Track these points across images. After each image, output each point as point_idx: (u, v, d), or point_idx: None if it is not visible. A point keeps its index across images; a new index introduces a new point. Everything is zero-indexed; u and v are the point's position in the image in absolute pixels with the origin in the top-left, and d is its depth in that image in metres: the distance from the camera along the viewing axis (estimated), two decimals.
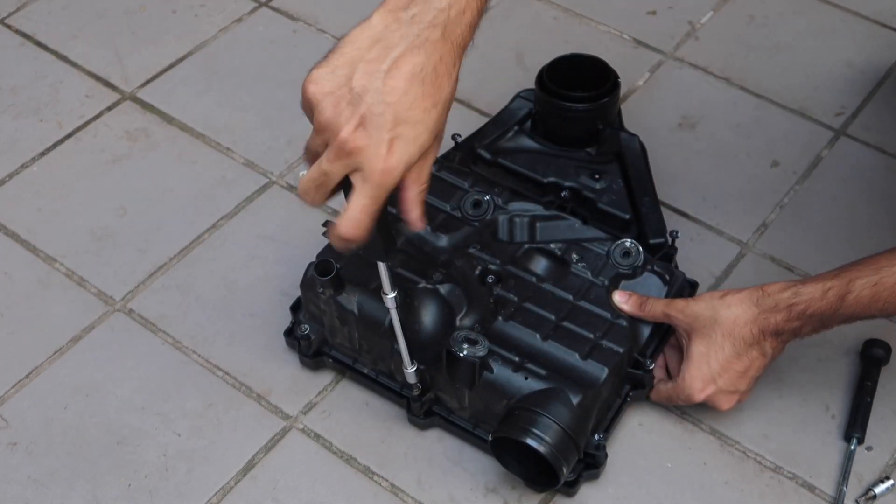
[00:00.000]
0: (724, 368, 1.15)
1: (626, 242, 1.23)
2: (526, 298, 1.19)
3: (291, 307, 1.27)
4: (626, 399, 1.21)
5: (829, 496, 1.18)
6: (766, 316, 1.12)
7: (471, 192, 1.28)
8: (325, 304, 1.19)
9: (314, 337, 1.24)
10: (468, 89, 1.59)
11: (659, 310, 1.18)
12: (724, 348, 1.14)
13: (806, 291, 1.11)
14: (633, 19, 1.68)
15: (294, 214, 1.42)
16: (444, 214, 1.27)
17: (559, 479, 1.11)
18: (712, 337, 1.14)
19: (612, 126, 1.35)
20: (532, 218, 1.26)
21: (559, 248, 1.24)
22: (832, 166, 1.49)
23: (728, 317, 1.14)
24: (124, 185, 1.47)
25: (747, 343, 1.14)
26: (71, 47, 1.65)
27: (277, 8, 1.71)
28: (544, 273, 1.23)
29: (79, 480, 1.19)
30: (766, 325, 1.13)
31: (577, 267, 1.23)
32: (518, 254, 1.24)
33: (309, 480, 1.19)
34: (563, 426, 1.09)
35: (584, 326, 1.17)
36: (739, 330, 1.13)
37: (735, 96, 1.58)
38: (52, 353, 1.29)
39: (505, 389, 1.13)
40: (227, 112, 1.56)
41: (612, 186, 1.30)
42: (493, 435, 1.12)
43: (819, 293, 1.10)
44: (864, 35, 1.67)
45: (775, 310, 1.12)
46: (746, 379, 1.16)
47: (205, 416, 1.24)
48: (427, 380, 1.17)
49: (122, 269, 1.37)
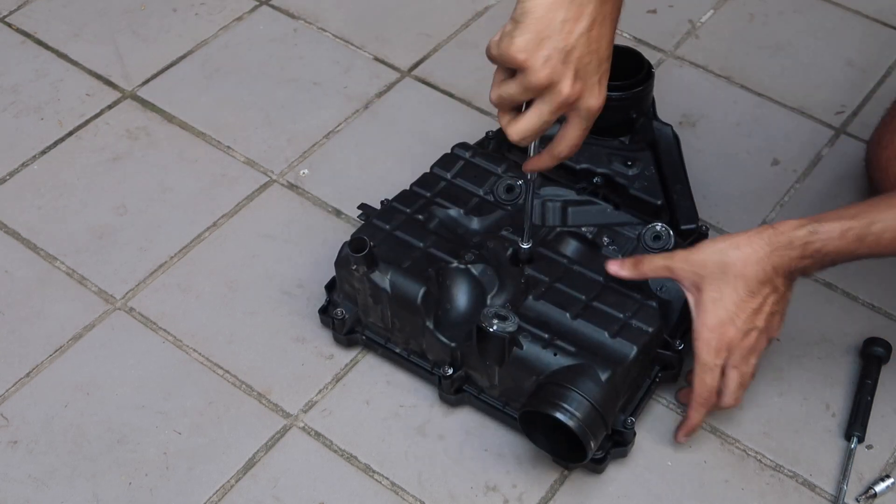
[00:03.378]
0: (741, 308, 1.12)
1: (657, 226, 1.24)
2: (556, 279, 1.21)
3: (326, 286, 1.29)
4: (656, 380, 1.21)
5: (830, 495, 1.18)
6: (780, 253, 1.11)
7: (504, 177, 1.31)
8: (358, 282, 1.21)
9: (348, 315, 1.26)
10: (468, 89, 1.59)
11: (659, 264, 1.17)
12: (738, 289, 1.12)
13: (823, 230, 1.10)
14: (633, 18, 1.67)
15: (294, 213, 1.43)
16: (477, 198, 1.29)
17: (587, 454, 1.11)
18: (724, 280, 1.12)
19: (646, 116, 1.36)
20: (564, 203, 1.28)
21: (590, 232, 1.26)
22: (832, 165, 1.49)
23: (739, 257, 1.12)
24: (125, 183, 1.47)
25: (760, 281, 1.11)
26: (71, 46, 1.65)
27: (278, 6, 1.71)
28: (575, 255, 1.24)
29: (79, 479, 1.19)
30: (779, 262, 1.11)
31: (607, 250, 1.24)
32: (549, 237, 1.25)
33: (309, 479, 1.19)
34: (592, 401, 1.10)
35: (614, 306, 1.18)
36: (751, 269, 1.11)
37: (735, 95, 1.58)
38: (52, 351, 1.29)
39: (534, 365, 1.14)
40: (228, 110, 1.56)
41: (645, 173, 1.31)
42: (522, 409, 1.13)
43: (837, 232, 1.09)
44: (865, 34, 1.67)
45: (789, 247, 1.11)
46: (762, 315, 1.13)
47: (205, 415, 1.24)
48: (458, 358, 1.19)
49: (122, 268, 1.37)
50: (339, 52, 1.63)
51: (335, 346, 1.29)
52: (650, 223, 1.25)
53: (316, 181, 1.47)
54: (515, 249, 1.22)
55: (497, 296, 1.20)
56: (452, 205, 1.29)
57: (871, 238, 1.08)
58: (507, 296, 1.20)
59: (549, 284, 1.20)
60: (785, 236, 1.11)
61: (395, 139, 1.51)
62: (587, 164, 1.33)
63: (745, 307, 1.13)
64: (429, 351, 1.23)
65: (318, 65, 1.61)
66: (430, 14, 1.70)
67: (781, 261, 1.11)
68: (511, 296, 1.20)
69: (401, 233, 1.25)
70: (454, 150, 1.35)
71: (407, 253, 1.22)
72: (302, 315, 1.32)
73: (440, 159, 1.34)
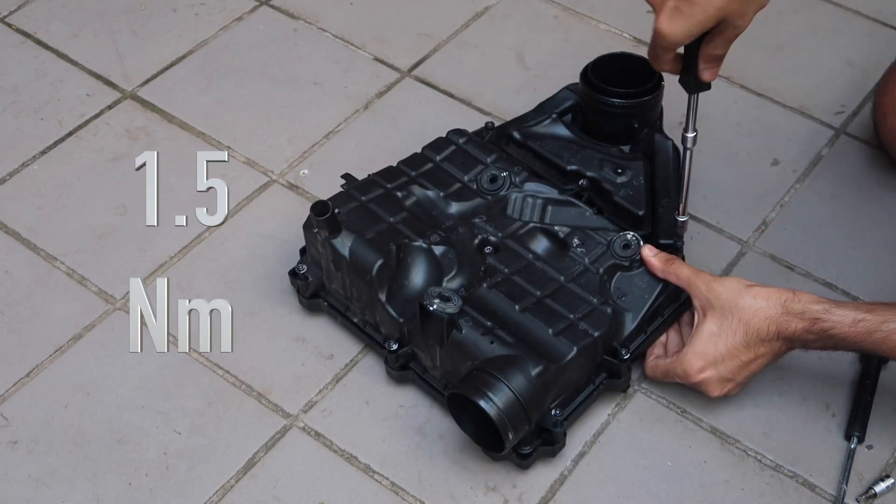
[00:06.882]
0: (731, 355, 1.15)
1: (627, 235, 1.25)
2: (516, 271, 1.22)
3: (301, 250, 1.32)
4: (600, 387, 1.22)
5: (830, 495, 1.18)
6: (789, 319, 1.13)
7: (490, 167, 1.32)
8: (321, 247, 1.24)
9: (312, 279, 1.28)
10: (468, 88, 1.59)
11: (684, 274, 1.20)
12: (737, 334, 1.14)
13: (837, 313, 1.12)
14: (633, 18, 1.68)
15: (294, 213, 1.42)
16: (459, 184, 1.31)
17: (504, 444, 1.12)
18: (728, 320, 1.15)
19: (650, 126, 1.35)
20: (545, 200, 1.28)
21: (563, 232, 1.26)
22: (832, 165, 1.49)
23: (750, 305, 1.14)
24: (125, 183, 1.47)
25: (760, 338, 1.14)
26: (71, 46, 1.65)
27: (278, 6, 1.71)
28: (542, 252, 1.25)
29: (79, 479, 1.19)
30: (785, 327, 1.13)
31: (575, 252, 1.25)
32: (521, 231, 1.26)
33: (309, 479, 1.19)
34: (517, 393, 1.10)
35: (565, 306, 1.19)
36: (758, 322, 1.14)
37: (735, 95, 1.58)
38: (52, 351, 1.29)
39: (470, 351, 1.15)
40: (228, 111, 1.56)
41: (633, 182, 1.31)
42: (449, 391, 1.15)
43: (850, 320, 1.11)
44: (865, 34, 1.67)
45: (801, 317, 1.13)
46: (747, 371, 1.17)
47: (205, 415, 1.24)
48: (405, 335, 1.21)
49: (122, 268, 1.37)
50: (339, 52, 1.63)
51: (335, 345, 1.29)
52: (624, 231, 1.25)
53: (316, 181, 1.47)
54: (484, 238, 1.24)
55: (453, 279, 1.22)
56: (434, 187, 1.30)
57: (880, 335, 1.10)
58: (464, 280, 1.22)
59: (506, 276, 1.22)
60: (800, 305, 1.13)
61: (395, 139, 1.51)
62: (578, 166, 1.33)
63: (736, 357, 1.15)
64: (381, 324, 1.25)
65: (318, 65, 1.61)
66: (430, 14, 1.70)
67: (787, 326, 1.13)
68: (467, 281, 1.22)
69: (373, 205, 1.27)
70: (449, 134, 1.36)
71: (373, 225, 1.24)
72: (302, 315, 1.32)
73: (432, 142, 1.36)
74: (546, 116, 1.38)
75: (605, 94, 1.33)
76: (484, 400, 1.10)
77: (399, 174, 1.32)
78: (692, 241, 1.38)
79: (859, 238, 1.40)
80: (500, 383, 1.10)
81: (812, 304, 1.13)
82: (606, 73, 1.35)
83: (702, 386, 1.18)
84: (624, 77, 1.34)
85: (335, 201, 1.26)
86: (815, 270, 1.37)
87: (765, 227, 1.41)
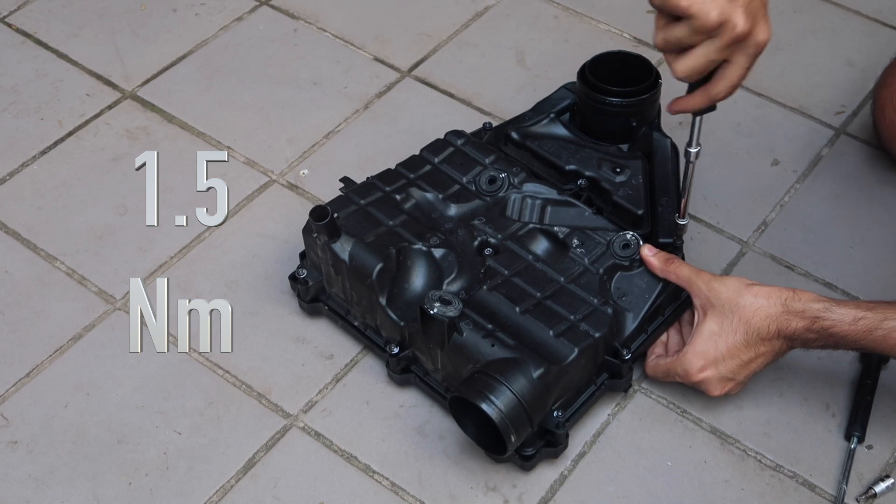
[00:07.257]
0: (731, 354, 1.15)
1: (627, 235, 1.25)
2: (516, 273, 1.22)
3: (300, 254, 1.31)
4: (601, 387, 1.22)
5: (830, 495, 1.18)
6: (789, 318, 1.13)
7: (489, 168, 1.31)
8: (321, 251, 1.24)
9: (312, 283, 1.28)
10: (468, 88, 1.59)
11: (684, 273, 1.20)
12: (737, 333, 1.14)
13: (838, 311, 1.12)
14: (633, 18, 1.68)
15: (294, 213, 1.42)
16: (458, 186, 1.31)
17: (507, 447, 1.12)
18: (728, 319, 1.15)
19: (648, 125, 1.35)
20: (544, 201, 1.28)
21: (562, 232, 1.26)
22: (832, 165, 1.49)
23: (751, 304, 1.14)
24: (125, 183, 1.47)
25: (760, 336, 1.14)
26: (71, 46, 1.65)
27: (278, 6, 1.71)
28: (542, 253, 1.25)
29: (79, 479, 1.19)
30: (785, 326, 1.13)
31: (575, 252, 1.25)
32: (521, 232, 1.26)
33: (309, 479, 1.19)
34: (519, 396, 1.10)
35: (566, 307, 1.19)
36: (758, 321, 1.14)
37: (735, 95, 1.57)
38: (52, 351, 1.29)
39: (471, 354, 1.15)
40: (228, 111, 1.56)
41: (632, 182, 1.31)
42: (450, 395, 1.15)
43: (850, 318, 1.11)
44: (865, 33, 1.67)
45: (801, 316, 1.13)
46: (747, 370, 1.17)
47: (205, 415, 1.24)
48: (406, 338, 1.21)
49: (122, 268, 1.37)
50: (339, 52, 1.63)
51: (335, 345, 1.29)
52: (623, 231, 1.25)
53: (316, 181, 1.47)
54: (483, 240, 1.24)
55: (454, 282, 1.22)
56: (433, 189, 1.30)
57: (880, 333, 1.10)
58: (464, 283, 1.22)
59: (506, 277, 1.21)
60: (801, 304, 1.13)
61: (395, 139, 1.51)
62: (576, 165, 1.33)
63: (736, 356, 1.15)
64: (382, 327, 1.25)
65: (318, 65, 1.61)
66: (430, 14, 1.70)
67: (787, 325, 1.13)
68: (467, 283, 1.22)
69: (373, 209, 1.27)
70: (447, 136, 1.36)
71: (373, 228, 1.24)
72: (302, 315, 1.32)
73: (430, 144, 1.35)
74: (544, 116, 1.38)
75: (603, 93, 1.33)
76: (486, 403, 1.09)
77: (398, 177, 1.32)
78: (692, 241, 1.38)
79: (859, 238, 1.40)
80: (502, 386, 1.10)
81: (812, 302, 1.13)
82: (604, 71, 1.35)
83: (702, 385, 1.18)
84: (621, 75, 1.34)
85: (334, 205, 1.26)
86: (815, 270, 1.37)
87: (765, 227, 1.41)
